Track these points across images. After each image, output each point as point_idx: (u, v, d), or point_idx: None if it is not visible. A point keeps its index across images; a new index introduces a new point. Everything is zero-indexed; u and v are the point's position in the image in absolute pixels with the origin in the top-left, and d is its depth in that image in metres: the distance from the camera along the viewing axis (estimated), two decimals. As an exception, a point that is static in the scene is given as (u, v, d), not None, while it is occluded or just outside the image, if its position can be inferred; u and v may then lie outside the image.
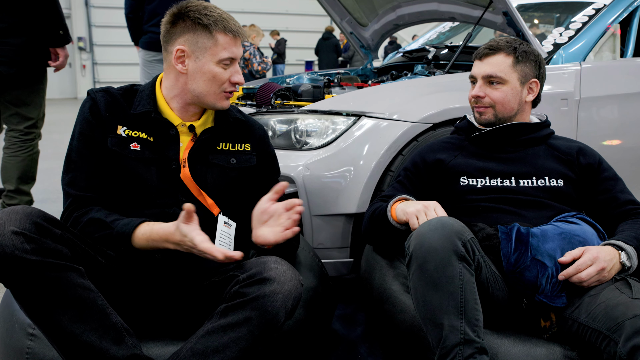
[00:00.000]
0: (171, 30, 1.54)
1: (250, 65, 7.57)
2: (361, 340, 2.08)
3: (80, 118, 1.55)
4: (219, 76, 1.53)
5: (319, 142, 2.27)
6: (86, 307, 1.27)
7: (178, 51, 1.52)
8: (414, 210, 1.60)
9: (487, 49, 1.80)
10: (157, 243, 1.41)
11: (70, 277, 1.26)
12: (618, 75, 2.72)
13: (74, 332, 1.25)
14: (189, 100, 1.57)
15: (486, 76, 1.78)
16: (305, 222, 2.19)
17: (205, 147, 1.61)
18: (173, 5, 1.55)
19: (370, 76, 3.72)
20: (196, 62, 1.52)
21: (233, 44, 1.53)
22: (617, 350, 1.26)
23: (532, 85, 1.81)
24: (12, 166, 3.10)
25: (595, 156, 1.79)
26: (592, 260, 1.45)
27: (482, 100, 1.79)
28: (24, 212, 1.26)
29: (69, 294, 1.25)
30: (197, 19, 1.50)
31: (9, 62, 2.88)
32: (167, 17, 1.55)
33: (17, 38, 2.87)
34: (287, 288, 1.33)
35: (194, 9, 1.52)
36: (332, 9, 3.46)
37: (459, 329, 1.34)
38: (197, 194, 1.56)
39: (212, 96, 1.55)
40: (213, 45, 1.51)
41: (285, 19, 16.43)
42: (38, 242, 1.23)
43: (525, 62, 1.78)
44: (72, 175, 1.51)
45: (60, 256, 1.25)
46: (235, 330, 1.29)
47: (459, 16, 3.14)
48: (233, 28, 1.52)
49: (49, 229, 1.27)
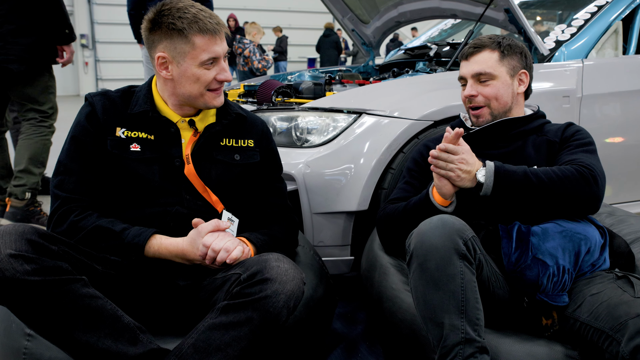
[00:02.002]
0: (149, 37, 1.51)
1: (250, 63, 7.57)
2: (361, 339, 2.07)
3: (75, 122, 1.56)
4: (204, 77, 1.50)
5: (319, 140, 2.26)
6: (96, 314, 1.26)
7: (159, 58, 1.50)
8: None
9: (471, 48, 1.79)
10: (166, 256, 1.45)
11: (74, 289, 1.25)
12: (620, 72, 2.70)
13: (89, 341, 1.25)
14: (182, 102, 1.56)
15: (475, 74, 1.78)
16: (305, 219, 2.19)
17: (210, 143, 1.61)
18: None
19: (372, 73, 3.71)
20: (179, 67, 1.50)
21: (212, 43, 1.49)
22: (620, 350, 1.25)
23: (522, 76, 1.81)
24: (24, 148, 3.25)
25: (578, 128, 1.77)
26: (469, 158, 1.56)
27: (476, 99, 1.78)
28: (17, 231, 1.24)
29: (76, 306, 1.24)
30: (170, 24, 1.46)
31: (20, 60, 3.04)
32: (144, 23, 1.52)
33: (27, 38, 3.03)
34: (289, 288, 1.32)
35: (167, 13, 1.47)
36: (333, 6, 3.45)
37: (459, 328, 1.33)
38: (202, 191, 1.56)
39: (202, 98, 1.53)
40: (191, 49, 1.47)
41: (287, 16, 16.43)
42: (37, 261, 1.22)
43: (511, 55, 1.78)
44: (61, 178, 1.51)
45: (60, 272, 1.24)
46: (237, 329, 1.28)
47: (461, 13, 3.13)
48: (210, 27, 1.47)
49: (45, 246, 1.25)
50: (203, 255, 1.42)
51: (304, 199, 2.17)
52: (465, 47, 1.82)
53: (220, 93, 1.56)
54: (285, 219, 1.72)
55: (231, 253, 1.41)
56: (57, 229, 1.46)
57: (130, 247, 1.42)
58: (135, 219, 1.49)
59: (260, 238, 1.57)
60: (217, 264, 1.43)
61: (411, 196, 1.73)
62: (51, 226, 1.48)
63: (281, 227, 1.69)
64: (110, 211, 1.52)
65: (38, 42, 3.08)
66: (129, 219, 1.49)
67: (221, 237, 1.44)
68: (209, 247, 1.41)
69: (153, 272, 1.47)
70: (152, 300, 1.47)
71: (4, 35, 3.00)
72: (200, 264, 1.46)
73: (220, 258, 1.41)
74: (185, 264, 1.47)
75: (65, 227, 1.45)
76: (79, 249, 1.39)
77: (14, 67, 3.04)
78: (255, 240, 1.55)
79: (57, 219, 1.47)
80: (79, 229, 1.44)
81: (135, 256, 1.43)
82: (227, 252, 1.41)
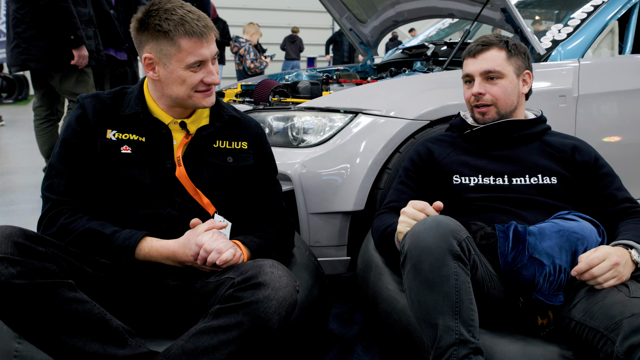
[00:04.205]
0: (137, 37, 1.50)
1: (244, 62, 7.56)
2: (358, 340, 2.07)
3: (66, 125, 1.55)
4: (190, 80, 1.49)
5: (315, 140, 2.25)
6: (83, 319, 1.25)
7: (146, 59, 1.49)
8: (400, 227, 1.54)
9: (479, 46, 1.79)
10: (157, 259, 1.44)
11: (61, 293, 1.23)
12: (616, 72, 2.70)
13: (76, 345, 1.24)
14: (172, 102, 1.55)
15: (484, 72, 1.77)
16: (301, 220, 2.18)
17: (202, 145, 1.60)
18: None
19: (370, 73, 3.70)
20: (165, 68, 1.48)
21: (199, 46, 1.46)
22: (615, 350, 1.24)
23: (526, 76, 1.82)
24: (45, 139, 4.04)
25: (591, 153, 1.77)
26: (605, 255, 1.41)
27: (483, 97, 1.77)
28: (3, 234, 1.23)
29: (63, 310, 1.23)
30: (156, 26, 1.44)
31: (37, 59, 3.68)
32: (132, 22, 1.50)
33: (43, 41, 3.64)
34: (281, 294, 1.31)
35: (154, 14, 1.45)
36: (331, 6, 3.45)
37: (453, 329, 1.32)
38: (193, 193, 1.55)
39: (190, 99, 1.52)
40: (177, 52, 1.45)
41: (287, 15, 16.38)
42: (23, 264, 1.20)
43: (517, 54, 1.79)
44: (51, 181, 1.50)
45: (47, 274, 1.23)
46: (226, 333, 1.28)
47: (458, 13, 3.13)
48: (196, 30, 1.44)
49: (32, 247, 1.24)
50: (195, 254, 1.42)
51: (300, 199, 2.16)
52: (472, 44, 1.81)
53: (210, 93, 1.54)
54: (281, 222, 1.71)
55: (222, 254, 1.40)
56: (47, 231, 1.45)
57: (120, 250, 1.41)
58: (127, 222, 1.49)
59: (255, 241, 1.56)
60: (208, 265, 1.42)
61: (407, 198, 1.73)
62: (41, 229, 1.47)
63: (277, 230, 1.68)
64: (101, 213, 1.51)
65: (52, 45, 3.64)
66: (120, 221, 1.49)
67: (215, 238, 1.43)
68: (201, 247, 1.41)
69: (143, 274, 1.46)
70: (143, 302, 1.47)
71: (27, 38, 3.64)
72: (192, 265, 1.46)
73: (211, 259, 1.40)
74: (177, 266, 1.47)
75: (55, 229, 1.44)
76: (69, 251, 1.38)
77: (32, 64, 3.70)
78: (250, 243, 1.55)
79: (47, 221, 1.46)
80: (69, 232, 1.43)
81: (125, 259, 1.42)
82: (218, 253, 1.40)
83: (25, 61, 3.69)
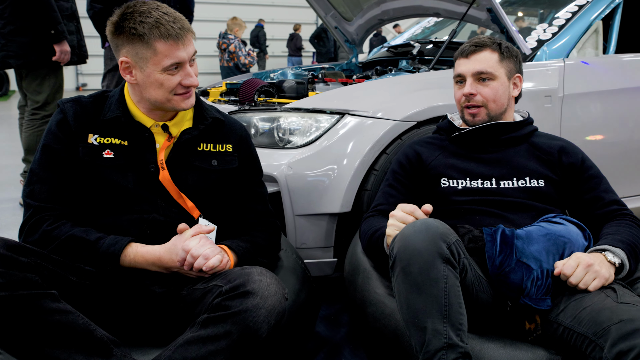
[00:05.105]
0: (113, 40, 1.47)
1: (236, 59, 7.51)
2: (345, 342, 2.06)
3: (46, 130, 1.52)
4: (167, 83, 1.46)
5: (302, 141, 2.24)
6: (66, 330, 1.23)
7: (122, 63, 1.46)
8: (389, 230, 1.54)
9: (472, 46, 1.78)
10: (143, 265, 1.42)
11: (44, 304, 1.21)
12: (601, 71, 2.72)
13: (60, 358, 1.22)
14: (151, 106, 1.53)
15: (476, 73, 1.77)
16: (288, 221, 2.17)
17: (186, 148, 1.57)
18: None
19: (355, 71, 3.69)
20: (142, 72, 1.46)
21: (175, 49, 1.43)
22: (603, 356, 1.25)
23: (516, 80, 1.82)
24: (23, 139, 3.86)
25: (578, 154, 1.77)
26: (577, 261, 1.44)
27: (474, 98, 1.77)
28: None
29: (46, 321, 1.21)
30: (131, 29, 1.41)
31: (17, 55, 3.58)
32: (108, 25, 1.47)
33: (23, 37, 3.54)
34: (270, 303, 1.30)
35: (129, 17, 1.42)
36: (316, 3, 3.42)
37: (442, 333, 1.32)
38: (177, 197, 1.53)
39: (169, 102, 1.49)
40: (153, 55, 1.43)
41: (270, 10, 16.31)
42: (4, 275, 1.18)
43: (509, 57, 1.80)
44: (32, 187, 1.47)
45: (30, 285, 1.20)
46: (214, 343, 1.26)
47: (444, 12, 3.12)
48: (172, 32, 1.41)
49: (14, 258, 1.21)
50: (182, 260, 1.40)
51: (286, 201, 2.15)
52: (465, 45, 1.80)
53: (189, 96, 1.51)
54: (267, 225, 1.70)
55: (209, 261, 1.38)
56: (29, 238, 1.42)
57: (105, 257, 1.39)
58: (111, 227, 1.46)
59: (241, 245, 1.55)
60: (195, 271, 1.40)
61: (395, 201, 1.72)
62: (23, 236, 1.44)
63: (263, 233, 1.66)
64: (84, 219, 1.48)
65: (33, 41, 3.55)
66: (104, 227, 1.46)
67: (202, 243, 1.41)
68: (188, 252, 1.39)
69: (129, 281, 1.44)
70: (128, 310, 1.44)
71: (6, 34, 3.54)
72: (178, 271, 1.44)
73: (198, 264, 1.38)
74: (163, 272, 1.44)
75: (38, 236, 1.41)
76: (52, 260, 1.35)
77: (12, 61, 3.60)
78: (237, 248, 1.53)
79: (29, 228, 1.43)
80: (52, 239, 1.40)
81: (110, 266, 1.40)
82: (205, 259, 1.38)
83: (4, 58, 3.60)
